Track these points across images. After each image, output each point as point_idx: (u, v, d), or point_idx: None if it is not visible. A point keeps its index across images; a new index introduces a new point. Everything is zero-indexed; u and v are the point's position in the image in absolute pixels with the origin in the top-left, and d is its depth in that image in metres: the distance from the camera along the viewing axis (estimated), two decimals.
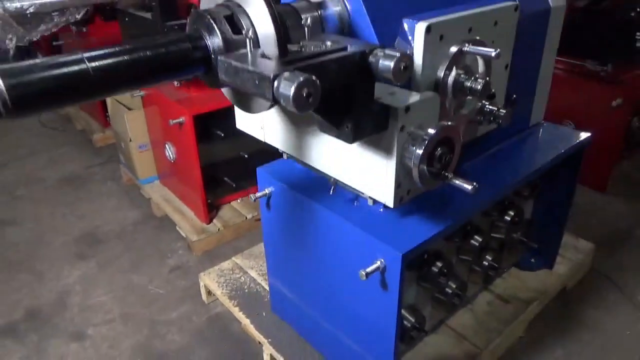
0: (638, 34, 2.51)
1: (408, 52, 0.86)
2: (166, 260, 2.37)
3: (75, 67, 0.79)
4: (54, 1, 1.92)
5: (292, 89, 0.70)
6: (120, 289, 2.20)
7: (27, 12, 1.86)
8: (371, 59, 0.86)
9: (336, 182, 1.25)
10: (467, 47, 1.09)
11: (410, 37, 1.08)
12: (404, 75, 0.85)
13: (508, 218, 1.65)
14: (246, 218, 2.49)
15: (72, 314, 2.08)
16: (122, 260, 2.39)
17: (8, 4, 1.82)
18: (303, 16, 1.04)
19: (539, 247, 1.90)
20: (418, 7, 1.14)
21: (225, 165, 2.54)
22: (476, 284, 1.77)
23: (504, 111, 1.22)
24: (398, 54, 0.83)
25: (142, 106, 2.62)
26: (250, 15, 0.92)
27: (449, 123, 0.98)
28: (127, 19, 2.22)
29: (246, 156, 2.52)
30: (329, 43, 0.90)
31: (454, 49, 1.11)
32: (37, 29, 1.99)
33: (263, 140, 1.31)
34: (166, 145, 2.48)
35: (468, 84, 1.11)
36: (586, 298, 2.03)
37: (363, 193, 1.18)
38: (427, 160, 0.98)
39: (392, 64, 0.84)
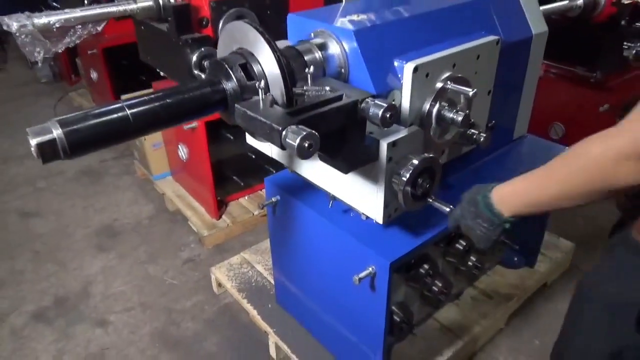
0: (625, 43, 2.63)
1: (394, 102, 1.01)
2: (179, 253, 2.56)
3: (118, 115, 0.95)
4: (78, 16, 2.06)
5: (297, 142, 0.86)
6: (138, 279, 2.40)
7: (54, 26, 2.00)
8: (363, 106, 1.02)
9: (335, 198, 1.41)
10: (449, 85, 1.24)
11: (399, 75, 1.23)
12: (390, 122, 1.01)
13: None
14: (253, 214, 2.66)
15: (96, 302, 2.28)
16: (139, 252, 2.57)
17: (36, 20, 1.96)
18: (306, 57, 1.19)
19: (521, 248, 2.07)
20: (407, 47, 1.28)
21: (233, 165, 2.72)
22: (461, 282, 1.95)
23: (484, 135, 1.38)
24: (385, 105, 0.99)
25: None
26: (261, 62, 1.08)
27: (431, 155, 1.14)
28: (143, 29, 2.36)
29: (253, 157, 2.69)
30: (327, 88, 1.05)
31: (438, 85, 1.26)
32: (62, 42, 2.14)
33: (271, 156, 1.47)
34: (179, 146, 2.65)
35: (450, 115, 1.26)
36: (565, 293, 2.20)
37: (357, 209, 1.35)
38: (410, 186, 1.14)
39: (379, 113, 1.00)
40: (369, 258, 1.33)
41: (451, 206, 1.16)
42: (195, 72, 2.04)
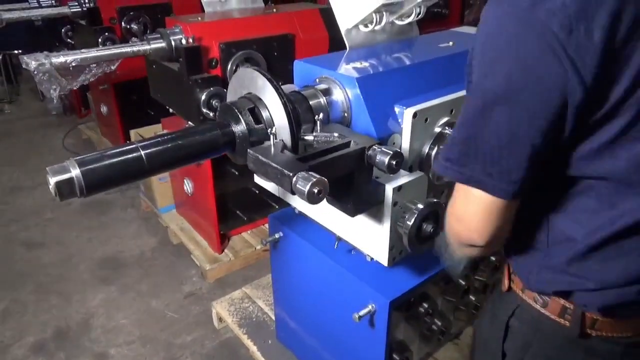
0: None
1: (394, 144, 1.06)
2: (181, 287, 2.57)
3: (132, 155, 1.00)
4: (93, 56, 2.15)
5: (307, 188, 0.90)
6: (140, 313, 2.40)
7: (70, 65, 2.09)
8: (370, 152, 1.07)
9: (340, 239, 1.44)
10: (447, 130, 1.30)
11: (400, 120, 1.29)
12: (396, 169, 1.05)
13: (490, 263, 1.83)
14: (255, 249, 2.69)
15: (97, 335, 2.27)
16: (141, 285, 2.59)
17: (54, 60, 2.05)
18: (311, 102, 1.25)
19: None
20: (407, 93, 1.35)
21: (237, 200, 2.76)
22: (461, 321, 1.95)
23: None
24: (391, 152, 1.04)
25: None
26: (268, 107, 1.14)
27: (435, 200, 1.18)
28: (155, 67, 2.45)
29: (257, 192, 2.74)
30: (336, 135, 1.11)
31: (437, 129, 1.31)
32: (77, 79, 2.23)
33: (277, 195, 1.51)
34: (185, 180, 2.70)
35: None
36: None
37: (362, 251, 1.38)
38: (415, 230, 1.17)
39: (386, 160, 1.05)
40: (369, 296, 1.35)
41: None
42: (204, 110, 2.11)
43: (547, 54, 0.71)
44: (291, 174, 0.92)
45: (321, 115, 1.15)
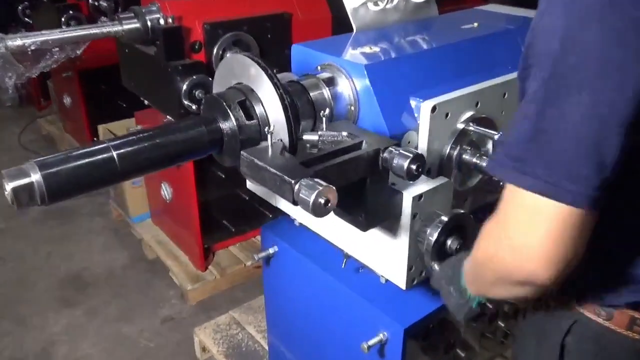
0: None
1: (420, 152, 1.05)
2: (158, 310, 2.57)
3: (102, 156, 1.00)
4: (56, 38, 2.16)
5: (312, 198, 0.89)
6: (109, 341, 2.40)
7: (29, 49, 2.10)
8: (385, 155, 1.07)
9: (349, 256, 1.44)
10: (472, 127, 1.30)
11: (416, 114, 1.30)
12: (417, 175, 1.04)
13: None
14: (245, 265, 2.69)
15: None
16: (110, 308, 2.59)
17: (10, 43, 2.06)
18: (312, 94, 1.26)
19: None
20: (425, 83, 1.35)
21: (224, 207, 2.77)
22: (489, 351, 1.95)
23: None
24: (411, 155, 1.03)
25: None
26: (262, 100, 1.14)
27: (462, 211, 1.18)
28: (127, 52, 2.46)
29: (247, 198, 2.75)
30: (344, 133, 1.11)
31: (459, 126, 1.32)
32: (36, 66, 2.24)
33: (275, 205, 1.52)
34: (162, 184, 2.71)
35: (473, 160, 1.31)
36: None
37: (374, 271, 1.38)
38: (439, 246, 1.17)
39: (405, 164, 1.04)
40: (380, 322, 1.35)
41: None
42: (185, 102, 2.12)
43: None
44: (293, 181, 0.92)
45: (327, 110, 1.15)
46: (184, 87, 2.11)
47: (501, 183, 1.44)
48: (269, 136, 1.05)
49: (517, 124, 0.80)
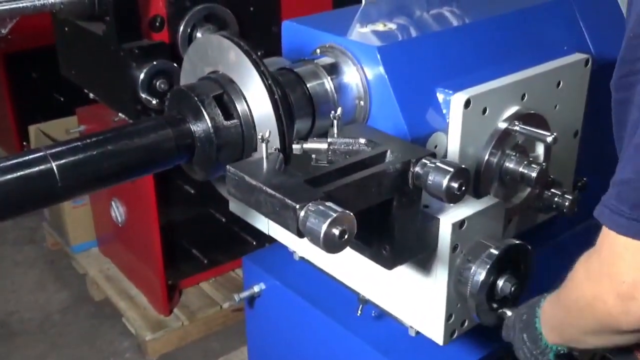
0: None
1: (463, 167, 1.04)
2: None
3: (38, 168, 1.01)
4: None
5: (323, 228, 0.87)
6: None
7: None
8: (417, 169, 1.06)
9: (366, 301, 1.44)
10: (517, 127, 1.31)
11: (444, 111, 1.31)
12: (459, 195, 1.03)
13: None
14: (221, 308, 2.69)
15: None
16: None
17: None
18: (309, 85, 1.27)
19: None
20: (454, 70, 1.37)
21: (193, 232, 2.77)
22: None
23: (569, 198, 1.44)
24: (452, 169, 1.01)
25: None
26: (245, 94, 1.15)
27: (517, 242, 1.18)
28: (67, 30, 2.47)
29: (223, 220, 2.75)
30: (362, 141, 1.11)
31: (501, 125, 1.33)
32: None
33: (267, 233, 1.52)
34: (112, 203, 2.71)
35: (520, 169, 1.32)
36: None
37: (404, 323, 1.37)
38: (487, 289, 1.16)
39: (444, 182, 1.01)
40: None
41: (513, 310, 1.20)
42: (143, 95, 2.14)
43: None
44: (297, 206, 0.91)
45: (339, 110, 1.15)
46: (142, 75, 2.12)
47: (555, 201, 1.45)
48: (263, 146, 1.05)
49: (633, 158, 0.85)
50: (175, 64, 2.19)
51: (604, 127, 1.71)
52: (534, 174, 1.31)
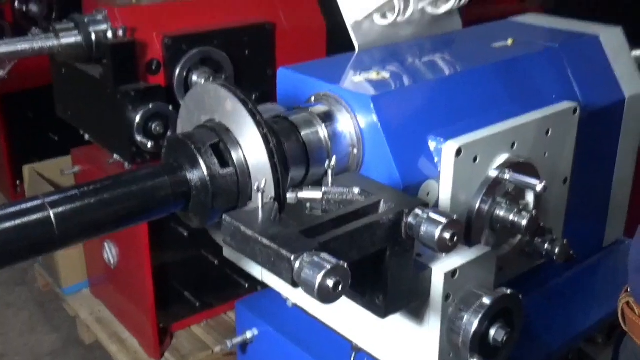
0: None
1: (455, 217, 1.07)
2: None
3: (35, 217, 1.03)
4: None
5: (318, 279, 0.89)
6: None
7: None
8: (410, 220, 1.08)
9: (358, 349, 1.45)
10: (508, 175, 1.35)
11: (436, 159, 1.34)
12: (452, 246, 1.05)
13: None
14: (213, 352, 2.67)
15: None
16: None
17: None
18: (303, 133, 1.30)
19: None
20: (446, 117, 1.40)
21: (186, 275, 2.77)
22: None
23: (559, 245, 1.47)
24: (445, 220, 1.04)
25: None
26: (241, 143, 1.18)
27: (509, 291, 1.20)
28: (65, 72, 2.52)
29: (216, 262, 2.76)
30: (356, 190, 1.14)
31: (491, 173, 1.36)
32: None
33: (260, 280, 1.53)
34: (105, 244, 2.72)
35: (510, 217, 1.35)
36: None
37: None
38: (480, 338, 1.17)
39: (436, 233, 1.04)
40: None
41: None
42: (139, 138, 2.17)
43: None
44: (292, 257, 0.93)
45: (333, 160, 1.18)
46: (137, 118, 2.16)
47: (546, 248, 1.48)
48: (259, 195, 1.07)
49: None
50: (170, 107, 2.23)
51: (591, 172, 1.75)
52: (524, 222, 1.33)
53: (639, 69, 1.85)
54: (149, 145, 2.17)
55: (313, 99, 1.41)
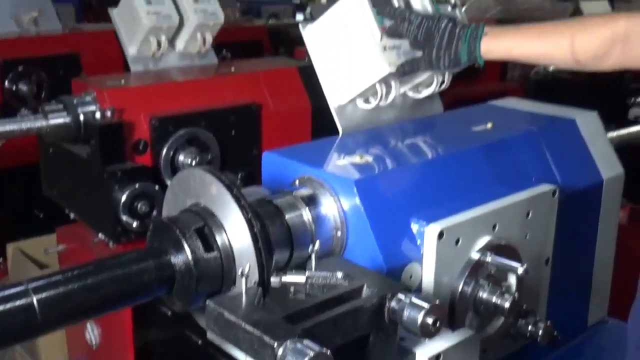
0: None
1: (437, 302, 1.09)
2: None
3: (18, 303, 1.03)
4: None
5: None
6: None
7: None
8: (393, 305, 1.10)
9: None
10: (489, 258, 1.37)
11: (419, 242, 1.36)
12: (434, 331, 1.07)
13: None
14: None
15: None
16: None
17: None
18: (287, 216, 1.32)
19: None
20: (428, 200, 1.43)
21: (170, 355, 2.72)
22: None
23: (542, 326, 1.47)
24: (427, 306, 1.06)
25: (57, 264, 2.87)
26: (225, 227, 1.20)
27: None
28: (52, 152, 2.54)
29: (199, 342, 2.71)
30: (339, 275, 1.16)
31: (473, 256, 1.38)
32: None
33: None
34: (87, 325, 2.68)
35: (493, 299, 1.36)
36: None
37: None
38: None
39: (419, 318, 1.06)
40: None
41: None
42: (124, 218, 2.18)
43: None
44: (275, 344, 0.94)
45: (317, 244, 1.20)
46: (123, 198, 2.17)
47: (529, 329, 1.48)
48: (242, 280, 1.09)
49: None
50: (157, 186, 2.25)
51: (572, 252, 1.77)
52: (506, 304, 1.35)
53: (615, 151, 1.92)
54: (134, 224, 2.17)
55: (297, 182, 1.44)
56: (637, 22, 1.43)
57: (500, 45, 1.59)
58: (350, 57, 1.67)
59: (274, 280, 1.16)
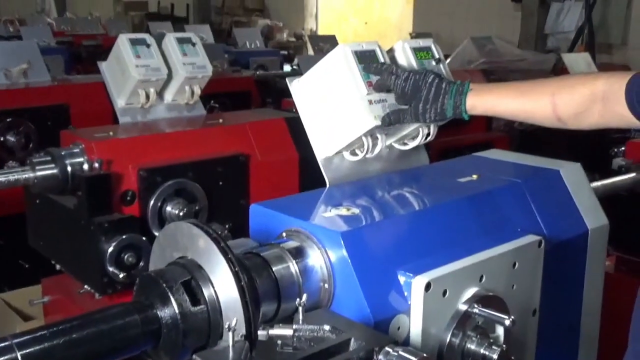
0: None
1: (425, 355, 1.08)
2: None
3: (3, 358, 1.02)
4: None
5: None
6: None
7: None
8: (381, 358, 1.10)
9: None
10: (476, 309, 1.37)
11: (406, 293, 1.36)
12: None
13: None
14: None
15: None
16: None
17: None
18: (274, 268, 1.32)
19: None
20: (415, 252, 1.44)
21: None
22: None
23: None
24: (415, 359, 1.06)
25: (42, 316, 2.84)
26: (212, 280, 1.20)
27: None
28: (39, 203, 2.53)
29: None
30: (326, 328, 1.16)
31: (461, 307, 1.39)
32: None
33: None
34: None
35: (482, 351, 1.36)
36: None
37: None
38: None
39: None
40: None
41: None
42: (110, 269, 2.16)
43: None
44: None
45: (304, 297, 1.20)
46: (110, 249, 2.16)
47: None
48: (229, 334, 1.08)
49: None
50: (144, 238, 2.24)
51: (560, 302, 1.78)
52: (495, 356, 1.35)
53: (600, 200, 1.94)
54: (121, 276, 2.16)
55: (285, 234, 1.45)
56: (615, 81, 1.47)
57: (485, 102, 1.63)
58: (336, 110, 1.69)
59: (261, 333, 1.16)
